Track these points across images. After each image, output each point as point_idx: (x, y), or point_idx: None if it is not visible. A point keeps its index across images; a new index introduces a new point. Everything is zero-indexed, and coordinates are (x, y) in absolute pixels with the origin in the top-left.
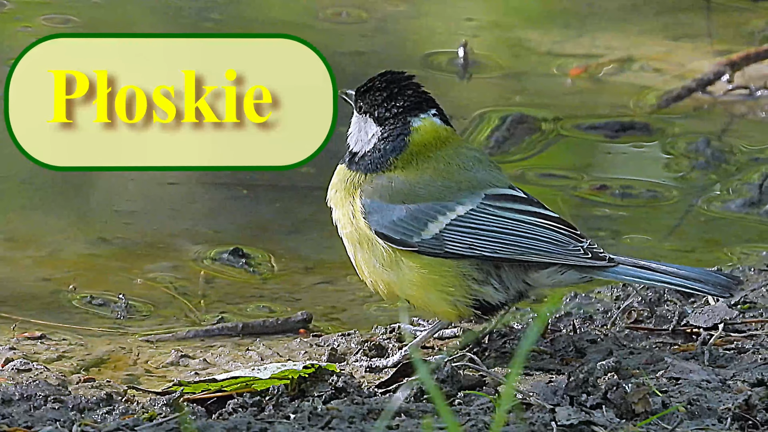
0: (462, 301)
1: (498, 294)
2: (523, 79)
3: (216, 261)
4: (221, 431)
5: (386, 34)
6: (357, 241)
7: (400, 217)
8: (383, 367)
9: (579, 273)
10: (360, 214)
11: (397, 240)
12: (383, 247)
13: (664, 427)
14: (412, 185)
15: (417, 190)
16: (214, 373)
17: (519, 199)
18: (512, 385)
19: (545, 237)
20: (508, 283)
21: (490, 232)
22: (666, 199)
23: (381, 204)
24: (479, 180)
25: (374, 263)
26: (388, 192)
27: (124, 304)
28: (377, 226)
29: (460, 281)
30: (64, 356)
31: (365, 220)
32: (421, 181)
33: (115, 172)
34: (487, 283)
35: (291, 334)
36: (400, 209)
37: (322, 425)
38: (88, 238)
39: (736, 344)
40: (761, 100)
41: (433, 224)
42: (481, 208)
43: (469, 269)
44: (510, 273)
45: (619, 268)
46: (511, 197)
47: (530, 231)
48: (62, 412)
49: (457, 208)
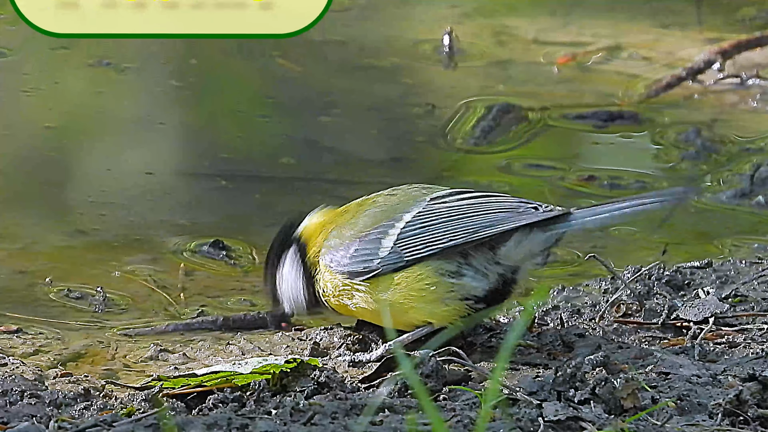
0: (449, 297)
1: (478, 282)
2: (509, 68)
3: (196, 253)
4: (201, 427)
5: (370, 22)
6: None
7: (356, 249)
8: (367, 361)
9: (543, 232)
10: (325, 266)
11: (361, 270)
12: (355, 287)
13: (654, 423)
14: (358, 222)
15: (364, 222)
16: (194, 368)
17: (464, 192)
18: (498, 380)
19: (494, 209)
20: (482, 268)
21: (440, 224)
22: (655, 190)
23: (336, 249)
24: (423, 193)
25: (362, 305)
26: (339, 239)
27: (102, 298)
28: (339, 267)
29: (436, 279)
30: (41, 350)
31: (328, 266)
32: (364, 216)
33: (93, 164)
34: (461, 275)
35: (272, 328)
36: (353, 243)
37: (305, 421)
38: (64, 230)
39: (727, 338)
40: (752, 89)
41: (386, 239)
42: (427, 208)
43: (438, 265)
44: (479, 257)
45: (577, 213)
46: (456, 192)
47: (478, 209)
48: (39, 407)
49: (404, 216)
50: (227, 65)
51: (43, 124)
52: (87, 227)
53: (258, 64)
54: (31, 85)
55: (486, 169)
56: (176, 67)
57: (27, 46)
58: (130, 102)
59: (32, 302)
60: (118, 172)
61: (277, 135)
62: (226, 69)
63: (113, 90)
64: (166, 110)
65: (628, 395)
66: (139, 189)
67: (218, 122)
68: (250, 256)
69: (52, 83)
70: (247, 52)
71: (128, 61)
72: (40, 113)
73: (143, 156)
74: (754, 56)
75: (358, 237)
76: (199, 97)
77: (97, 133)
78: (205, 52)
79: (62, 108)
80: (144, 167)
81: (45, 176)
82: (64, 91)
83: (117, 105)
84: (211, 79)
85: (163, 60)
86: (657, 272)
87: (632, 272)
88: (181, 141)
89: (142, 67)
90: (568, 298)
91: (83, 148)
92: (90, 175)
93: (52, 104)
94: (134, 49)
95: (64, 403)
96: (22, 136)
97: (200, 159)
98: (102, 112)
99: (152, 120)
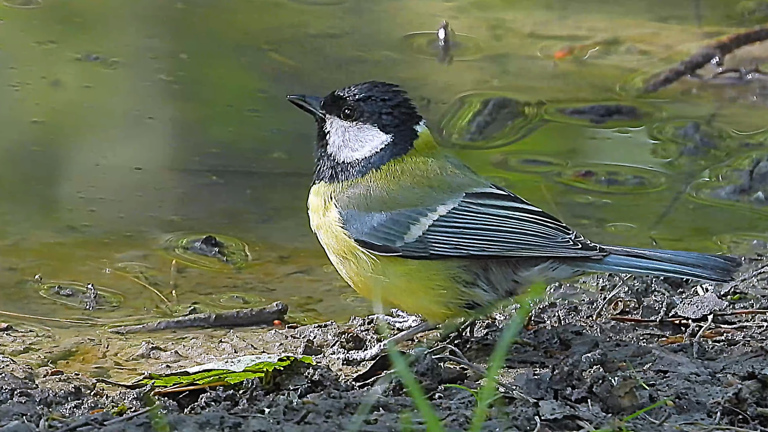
0: (453, 302)
1: (487, 295)
2: (506, 62)
3: (188, 250)
4: (193, 426)
5: (363, 15)
6: (340, 253)
7: (380, 222)
8: (361, 359)
9: (571, 267)
10: (336, 223)
11: (379, 246)
12: (366, 255)
13: (652, 422)
14: (391, 193)
15: (396, 197)
16: (186, 366)
17: (501, 196)
18: (494, 378)
19: (532, 230)
20: (497, 283)
21: (475, 229)
22: (653, 186)
23: (358, 212)
24: (459, 183)
25: (361, 273)
26: (366, 201)
27: (93, 295)
28: (357, 234)
29: (448, 284)
30: (31, 348)
31: (343, 229)
32: (399, 188)
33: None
34: (475, 285)
35: (265, 325)
36: (380, 216)
37: (298, 420)
38: (54, 226)
39: (726, 336)
40: (752, 83)
41: (415, 227)
42: (463, 206)
43: (457, 271)
44: (499, 273)
45: (611, 258)
46: (492, 195)
47: (516, 225)
48: (29, 406)
49: (439, 208)
50: (218, 59)
51: (31, 119)
52: (77, 223)
53: (250, 58)
54: (18, 80)
55: (482, 164)
56: (166, 61)
57: (14, 40)
58: (119, 97)
59: (22, 299)
60: (107, 167)
61: (269, 130)
62: (216, 63)
63: (102, 85)
64: (155, 105)
65: (625, 393)
66: (129, 184)
67: (209, 117)
68: (243, 252)
69: (39, 78)
70: (239, 46)
71: (117, 56)
72: (27, 108)
73: (133, 151)
74: (753, 50)
75: (385, 210)
76: (190, 92)
77: (85, 129)
78: (196, 46)
79: (50, 103)
80: (134, 162)
81: (33, 172)
82: (52, 86)
83: (106, 100)
84: (202, 73)
85: (153, 54)
86: None
87: None
88: (171, 136)
89: (131, 61)
90: (565, 295)
91: (72, 144)
92: (79, 170)
93: (40, 99)
94: (123, 43)
95: (54, 401)
96: (9, 132)
97: (191, 154)
98: (90, 107)
99: (142, 115)
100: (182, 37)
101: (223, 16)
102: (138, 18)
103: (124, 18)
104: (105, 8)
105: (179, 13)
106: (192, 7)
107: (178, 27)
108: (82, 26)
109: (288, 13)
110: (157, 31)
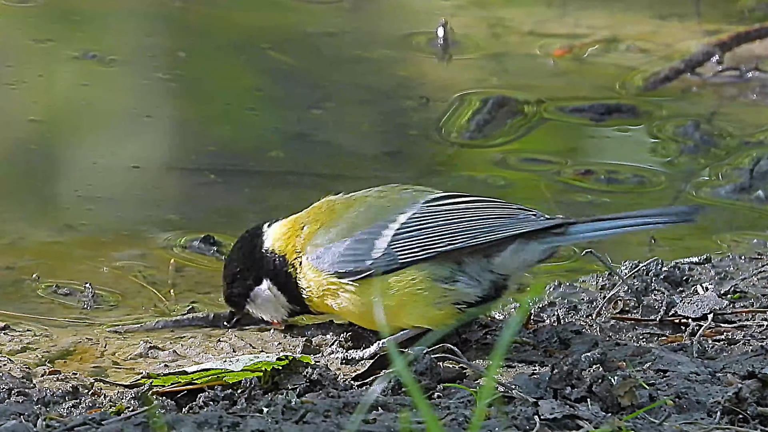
0: (442, 301)
1: (471, 289)
2: (505, 60)
3: (186, 249)
4: (192, 425)
5: (362, 13)
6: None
7: (345, 248)
8: (360, 358)
9: (541, 244)
10: (308, 267)
11: (351, 270)
12: (346, 285)
13: (652, 421)
14: (344, 225)
15: (351, 223)
16: (184, 365)
17: (460, 196)
18: (493, 377)
19: (493, 214)
20: (476, 275)
21: (437, 227)
22: (653, 185)
23: (322, 249)
24: (412, 195)
25: (354, 307)
26: (326, 238)
27: (91, 294)
28: (326, 266)
29: (429, 284)
30: (29, 348)
31: (316, 268)
32: (350, 219)
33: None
34: (455, 281)
35: (264, 324)
36: (342, 242)
37: (297, 419)
38: (51, 225)
39: (726, 335)
40: (752, 82)
41: (379, 240)
42: (423, 210)
43: (432, 269)
44: (473, 264)
45: (577, 227)
46: (451, 196)
47: (477, 214)
48: (26, 405)
49: (399, 217)
50: (216, 57)
51: (28, 118)
52: (74, 222)
53: (248, 57)
54: (15, 78)
55: (481, 163)
56: (164, 59)
57: (10, 38)
58: (117, 95)
59: (19, 299)
60: (104, 166)
61: (268, 128)
62: (215, 61)
63: (99, 83)
64: (153, 103)
65: (625, 393)
66: (126, 183)
67: (207, 116)
68: None
69: (36, 76)
70: (237, 45)
71: (115, 54)
72: (24, 106)
73: (130, 150)
74: (753, 48)
75: (348, 236)
76: (188, 91)
77: (83, 127)
78: (194, 44)
79: (47, 101)
80: (131, 161)
81: (30, 170)
82: (49, 84)
83: (103, 98)
84: (200, 71)
85: (151, 53)
86: (655, 268)
87: (630, 268)
88: (169, 134)
89: (129, 59)
90: (564, 294)
91: (69, 142)
92: (76, 169)
93: (37, 97)
94: (121, 41)
95: (52, 401)
96: (6, 130)
97: (189, 153)
98: (88, 105)
99: (139, 113)
100: (180, 35)
101: (222, 15)
102: (136, 16)
103: (122, 16)
104: (103, 6)
105: (177, 11)
106: (190, 5)
107: (176, 25)
108: (80, 24)
109: (287, 12)
110: (156, 29)
